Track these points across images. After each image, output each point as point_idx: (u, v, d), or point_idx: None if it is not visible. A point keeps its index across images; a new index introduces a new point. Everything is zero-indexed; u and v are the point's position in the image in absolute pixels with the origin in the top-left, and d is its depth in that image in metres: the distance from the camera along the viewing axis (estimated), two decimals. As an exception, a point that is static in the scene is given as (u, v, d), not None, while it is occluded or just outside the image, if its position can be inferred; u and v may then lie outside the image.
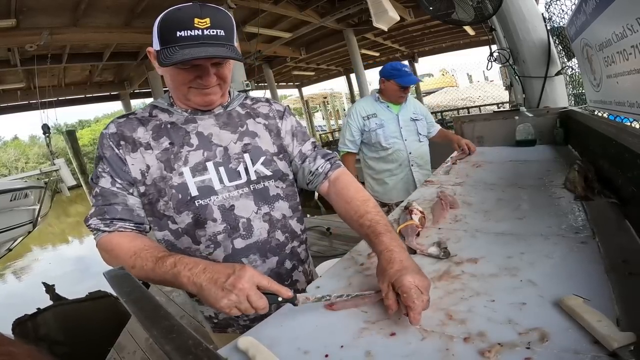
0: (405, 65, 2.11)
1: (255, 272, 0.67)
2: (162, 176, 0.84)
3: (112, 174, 0.83)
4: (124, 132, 0.86)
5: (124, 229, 0.83)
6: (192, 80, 0.82)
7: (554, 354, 0.51)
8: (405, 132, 2.13)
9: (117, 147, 0.84)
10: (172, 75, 0.83)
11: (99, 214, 0.82)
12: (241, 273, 0.65)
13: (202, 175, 0.86)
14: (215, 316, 0.97)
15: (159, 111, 0.91)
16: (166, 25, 0.76)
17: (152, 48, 0.83)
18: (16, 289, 6.69)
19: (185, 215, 0.85)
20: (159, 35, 0.77)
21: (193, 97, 0.86)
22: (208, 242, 0.87)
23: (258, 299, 0.64)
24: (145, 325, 0.48)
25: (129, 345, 2.54)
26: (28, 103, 8.26)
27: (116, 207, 0.83)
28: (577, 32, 1.63)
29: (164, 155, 0.85)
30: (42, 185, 6.14)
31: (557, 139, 2.02)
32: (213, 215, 0.86)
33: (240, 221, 0.88)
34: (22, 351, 0.26)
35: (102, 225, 0.82)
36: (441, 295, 0.71)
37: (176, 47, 0.75)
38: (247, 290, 0.63)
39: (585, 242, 0.83)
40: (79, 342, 3.06)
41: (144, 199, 0.85)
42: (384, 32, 8.53)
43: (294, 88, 17.71)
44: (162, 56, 0.76)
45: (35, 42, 4.91)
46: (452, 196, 1.30)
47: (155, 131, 0.87)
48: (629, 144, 0.99)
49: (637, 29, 0.97)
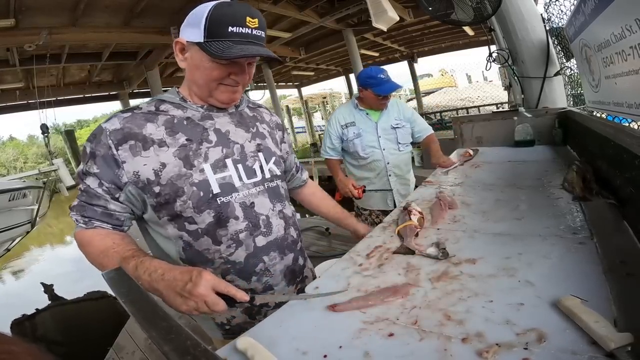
0: (382, 71, 1.96)
1: (212, 277, 0.67)
2: (180, 174, 0.81)
3: (99, 176, 0.80)
4: (132, 129, 0.81)
5: (100, 227, 0.83)
6: (225, 77, 0.83)
7: (552, 355, 0.51)
8: (383, 141, 2.05)
9: (117, 147, 0.78)
10: (208, 69, 0.81)
11: (80, 209, 0.82)
12: (197, 280, 0.65)
13: (223, 172, 0.85)
14: (228, 322, 0.94)
15: (169, 106, 0.87)
16: (217, 19, 0.76)
17: (185, 39, 0.81)
18: (14, 289, 6.67)
19: (206, 215, 0.83)
20: (206, 27, 0.76)
21: (219, 94, 0.86)
22: (230, 242, 0.86)
23: (215, 304, 0.66)
24: (144, 326, 0.48)
25: (128, 346, 2.54)
26: (27, 103, 8.23)
27: (96, 209, 0.82)
28: (576, 33, 1.63)
29: (182, 151, 0.82)
30: (41, 185, 6.12)
31: (556, 140, 2.02)
32: (235, 213, 0.85)
33: (261, 218, 0.89)
34: (23, 350, 0.26)
35: (80, 220, 0.82)
36: (439, 296, 0.71)
37: (228, 41, 0.76)
38: (204, 297, 0.65)
39: (583, 243, 0.83)
40: (78, 342, 3.06)
41: (159, 199, 0.81)
42: (384, 32, 8.53)
43: (293, 88, 17.71)
44: (213, 48, 0.76)
45: (34, 41, 4.90)
46: (451, 197, 1.30)
47: (169, 127, 0.84)
48: (627, 145, 1.00)
49: (635, 30, 0.97)
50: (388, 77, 1.96)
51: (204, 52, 0.79)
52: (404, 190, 2.09)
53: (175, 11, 5.57)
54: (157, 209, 0.83)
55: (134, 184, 0.81)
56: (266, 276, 0.91)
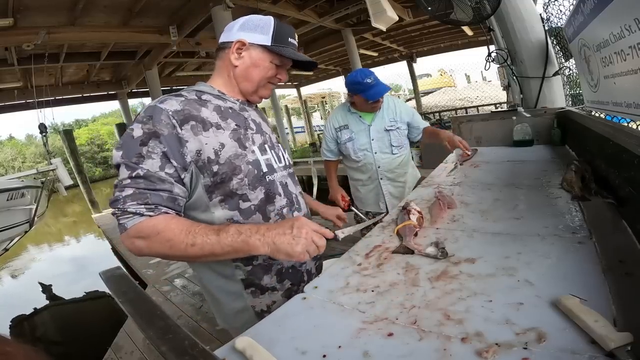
0: (369, 75, 1.86)
1: (307, 220, 0.78)
2: (237, 154, 0.88)
3: (167, 155, 0.77)
4: (192, 111, 0.84)
5: (166, 214, 0.78)
6: (274, 76, 0.97)
7: (551, 354, 0.51)
8: (375, 144, 2.00)
9: (181, 126, 0.79)
10: (265, 68, 0.94)
11: (140, 197, 0.74)
12: (301, 222, 0.76)
13: (266, 155, 0.97)
14: (268, 309, 0.94)
15: (210, 97, 0.94)
16: (281, 30, 0.94)
17: (251, 40, 0.92)
18: (13, 289, 6.66)
19: (259, 191, 0.91)
20: (274, 34, 0.92)
21: (263, 91, 0.99)
22: (276, 217, 0.94)
23: (319, 239, 0.77)
24: (141, 325, 0.48)
25: (126, 346, 2.54)
26: (25, 102, 8.20)
27: (162, 194, 0.77)
28: (574, 33, 1.63)
29: (235, 134, 0.91)
30: (39, 184, 6.10)
31: (555, 139, 2.02)
32: (278, 190, 0.96)
33: (294, 196, 1.01)
34: (19, 351, 0.26)
35: (144, 209, 0.74)
36: (439, 296, 0.71)
37: (289, 48, 0.94)
38: (311, 233, 0.75)
39: (582, 242, 0.83)
40: (76, 342, 3.05)
41: (216, 178, 0.84)
42: (383, 32, 8.54)
43: (293, 88, 17.69)
44: (284, 52, 0.92)
45: (33, 41, 4.89)
46: (450, 196, 1.30)
47: (219, 113, 0.91)
48: (625, 144, 1.00)
49: (634, 30, 0.97)
50: (376, 80, 1.88)
51: (268, 53, 0.93)
52: (397, 192, 2.08)
53: (174, 11, 5.56)
54: (211, 189, 0.85)
55: (195, 162, 0.81)
56: None
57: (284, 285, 0.96)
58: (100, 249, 7.59)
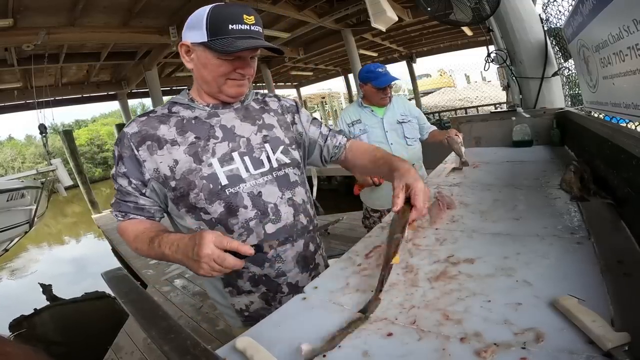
0: (381, 66, 2.06)
1: (213, 236, 0.71)
2: (191, 169, 0.89)
3: (127, 175, 0.90)
4: (148, 130, 0.90)
5: (135, 219, 0.93)
6: (231, 71, 0.89)
7: (549, 354, 0.51)
8: (390, 136, 2.06)
9: (137, 148, 0.88)
10: (214, 65, 0.87)
11: (117, 206, 0.94)
12: (200, 242, 0.70)
13: (230, 165, 0.92)
14: (247, 308, 0.99)
15: (179, 107, 0.95)
16: (217, 18, 0.83)
17: (189, 41, 0.87)
18: (13, 289, 6.66)
19: (217, 205, 0.90)
20: (207, 27, 0.83)
21: (228, 89, 0.92)
22: (241, 230, 0.91)
23: (222, 259, 0.70)
24: (144, 325, 0.48)
25: (126, 346, 2.54)
26: (25, 103, 8.21)
27: (129, 204, 0.92)
28: (573, 33, 1.64)
29: (192, 149, 0.90)
30: (39, 185, 6.11)
31: (554, 140, 2.02)
32: (244, 202, 0.91)
33: (269, 206, 0.94)
34: (19, 351, 0.26)
35: (119, 215, 0.94)
36: (438, 296, 0.71)
37: (230, 38, 0.82)
38: (209, 256, 0.69)
39: (580, 243, 0.83)
40: (76, 343, 3.05)
41: (176, 192, 0.90)
42: (382, 33, 8.55)
43: (292, 88, 17.68)
44: (218, 45, 0.82)
45: (33, 41, 4.89)
46: (450, 197, 1.31)
47: (179, 127, 0.92)
48: (624, 145, 1.00)
49: (633, 30, 0.98)
50: (386, 71, 2.04)
51: (209, 51, 0.85)
52: None
53: (174, 11, 5.57)
54: (176, 201, 0.92)
55: (156, 179, 0.90)
56: (278, 262, 0.95)
57: (260, 289, 0.96)
58: (100, 250, 7.59)
